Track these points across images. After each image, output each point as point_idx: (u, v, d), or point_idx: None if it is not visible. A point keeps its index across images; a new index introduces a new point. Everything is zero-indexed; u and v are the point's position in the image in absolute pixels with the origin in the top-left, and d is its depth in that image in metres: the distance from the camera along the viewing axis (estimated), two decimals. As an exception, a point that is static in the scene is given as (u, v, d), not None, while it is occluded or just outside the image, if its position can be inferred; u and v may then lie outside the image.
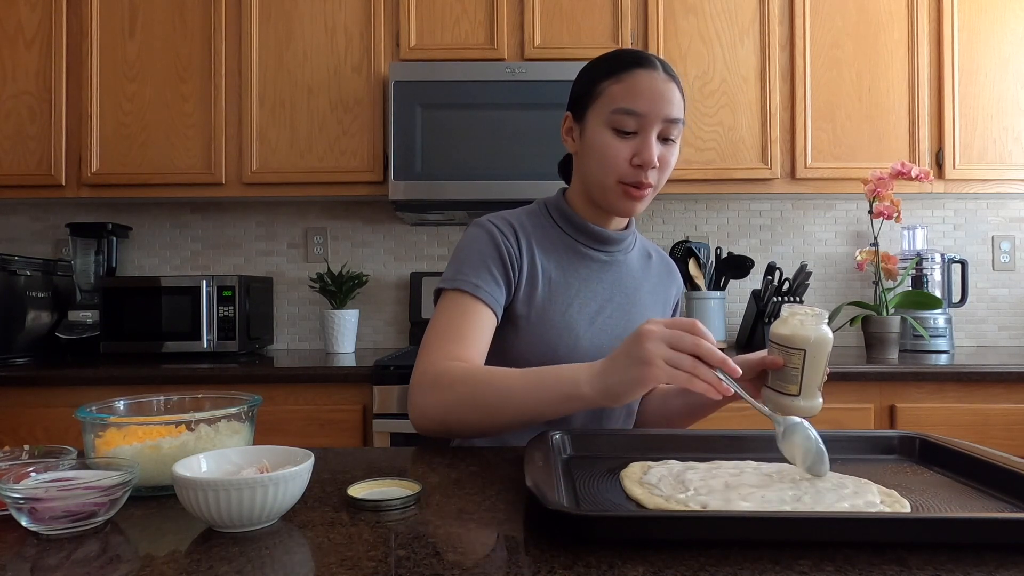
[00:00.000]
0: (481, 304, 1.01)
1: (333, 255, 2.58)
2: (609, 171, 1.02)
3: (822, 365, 0.84)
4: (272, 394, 1.92)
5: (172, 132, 2.25)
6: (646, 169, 1.01)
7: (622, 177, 1.02)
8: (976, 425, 1.89)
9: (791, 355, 0.84)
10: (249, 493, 0.59)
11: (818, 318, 0.84)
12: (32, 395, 1.92)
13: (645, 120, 1.00)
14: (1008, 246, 2.57)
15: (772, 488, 0.68)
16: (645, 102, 1.00)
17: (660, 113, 1.00)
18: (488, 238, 1.06)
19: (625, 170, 1.01)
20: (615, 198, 1.04)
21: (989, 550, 0.54)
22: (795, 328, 0.84)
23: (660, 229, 2.60)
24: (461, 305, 1.01)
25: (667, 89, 1.00)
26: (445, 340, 0.99)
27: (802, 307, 0.86)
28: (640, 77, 1.01)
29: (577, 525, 0.56)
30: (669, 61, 2.24)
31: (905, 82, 2.26)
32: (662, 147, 1.02)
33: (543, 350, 1.03)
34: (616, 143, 1.01)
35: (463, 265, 1.04)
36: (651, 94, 1.00)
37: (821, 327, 0.84)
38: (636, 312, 1.12)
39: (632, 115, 1.00)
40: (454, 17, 2.25)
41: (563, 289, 1.08)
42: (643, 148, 1.00)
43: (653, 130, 1.00)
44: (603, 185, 1.04)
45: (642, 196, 1.03)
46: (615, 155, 1.01)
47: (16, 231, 2.58)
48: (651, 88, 1.00)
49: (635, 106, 1.00)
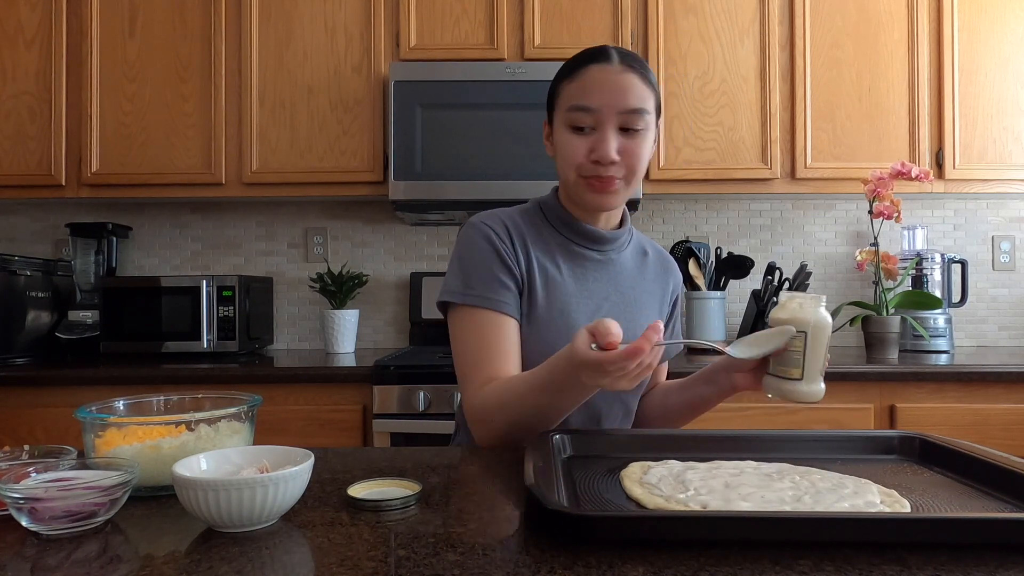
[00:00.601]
0: (500, 315, 1.02)
1: (333, 255, 2.58)
2: (570, 168, 1.04)
3: (823, 348, 0.84)
4: (272, 394, 1.92)
5: (172, 132, 2.25)
6: (604, 164, 1.01)
7: (581, 172, 1.03)
8: (976, 425, 1.89)
9: (793, 339, 0.84)
10: (249, 493, 0.59)
11: (816, 301, 0.84)
12: (32, 395, 1.92)
13: (599, 114, 1.00)
14: (1008, 246, 2.57)
15: (772, 488, 0.68)
16: (596, 96, 1.00)
17: (614, 105, 1.00)
18: (486, 243, 1.06)
19: (584, 166, 1.02)
20: (582, 193, 1.05)
21: (989, 550, 0.54)
22: (794, 311, 0.84)
23: (660, 229, 2.60)
24: (481, 323, 1.02)
25: (622, 80, 1.00)
26: (478, 368, 1.01)
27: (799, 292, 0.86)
28: (592, 72, 1.01)
29: (577, 525, 0.56)
30: (669, 61, 2.24)
31: (905, 82, 2.26)
32: (624, 139, 1.01)
33: (542, 348, 1.03)
34: (574, 140, 1.02)
35: (470, 276, 1.04)
36: (602, 87, 1.00)
37: (819, 310, 0.84)
38: (633, 309, 1.13)
39: (585, 111, 1.00)
40: (454, 17, 2.25)
41: (560, 288, 1.08)
42: (598, 143, 1.01)
43: (609, 123, 1.00)
44: (569, 182, 1.06)
45: (608, 189, 1.03)
46: (572, 152, 1.03)
47: (16, 231, 2.58)
48: (603, 81, 1.00)
49: (586, 101, 1.00)
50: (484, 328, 1.02)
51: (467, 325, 1.03)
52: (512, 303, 1.04)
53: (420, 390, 1.88)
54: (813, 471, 0.74)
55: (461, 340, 1.03)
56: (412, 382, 1.89)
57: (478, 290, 1.03)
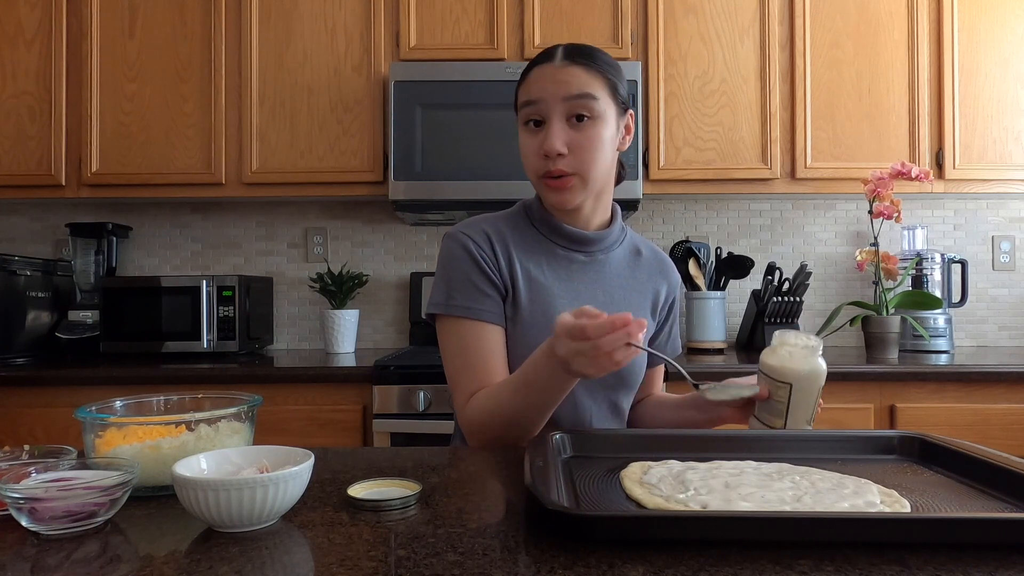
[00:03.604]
0: (482, 324, 1.04)
1: (333, 255, 2.58)
2: (529, 169, 1.06)
3: (812, 400, 0.79)
4: (272, 394, 1.92)
5: (172, 132, 2.25)
6: (551, 157, 1.01)
7: (537, 171, 1.04)
8: (976, 425, 1.89)
9: (778, 388, 0.80)
10: (249, 493, 0.59)
11: (810, 350, 0.78)
12: (32, 395, 1.92)
13: (543, 106, 1.02)
14: (1008, 246, 2.57)
15: (772, 488, 0.68)
16: (537, 90, 1.02)
17: (556, 94, 1.01)
18: (465, 254, 1.07)
19: (538, 164, 1.04)
20: (544, 193, 1.07)
21: (989, 550, 0.54)
22: (783, 360, 0.78)
23: (660, 229, 2.60)
24: (464, 333, 1.04)
25: (561, 72, 1.02)
26: (465, 377, 1.03)
27: (795, 335, 0.79)
28: (535, 71, 1.04)
29: (577, 525, 0.56)
30: (669, 61, 2.25)
31: (905, 82, 2.26)
32: (574, 131, 1.02)
33: (527, 351, 1.03)
34: (527, 139, 1.05)
35: (451, 288, 1.05)
36: (543, 80, 1.02)
37: (812, 360, 0.78)
38: (619, 310, 1.11)
39: (530, 104, 1.03)
40: (454, 17, 2.25)
41: (544, 290, 1.08)
42: (545, 137, 1.02)
43: (554, 115, 1.01)
44: (533, 184, 1.08)
45: (563, 185, 1.03)
46: (528, 151, 1.05)
47: (16, 231, 2.58)
48: (544, 76, 1.02)
49: (531, 95, 1.03)
50: (467, 338, 1.04)
51: (451, 336, 1.05)
52: (494, 310, 1.05)
53: (420, 390, 1.88)
54: (813, 471, 0.74)
55: (447, 351, 1.06)
56: (412, 382, 1.89)
57: (459, 300, 1.04)
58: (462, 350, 1.04)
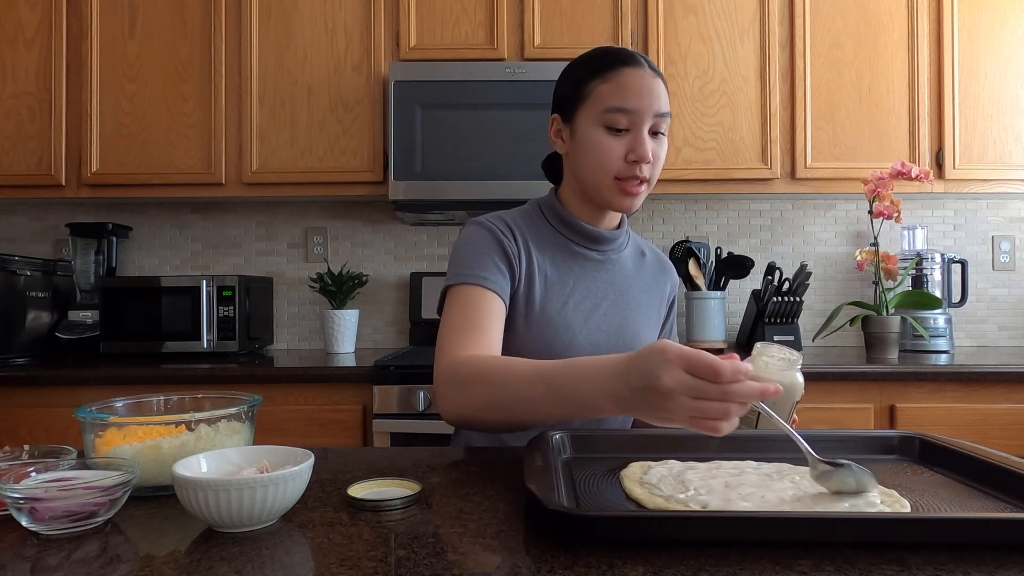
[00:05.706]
0: (489, 293, 1.03)
1: (333, 255, 2.58)
2: (605, 169, 1.04)
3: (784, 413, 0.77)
4: (272, 394, 1.92)
5: (172, 132, 2.25)
6: (641, 164, 1.03)
7: (618, 173, 1.04)
8: (976, 425, 1.89)
9: None
10: (249, 493, 0.59)
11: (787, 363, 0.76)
12: (32, 395, 1.92)
13: (637, 116, 1.02)
14: (1008, 246, 2.57)
15: (772, 488, 0.68)
16: (635, 99, 1.02)
17: (651, 109, 1.02)
18: (488, 234, 1.07)
19: (620, 167, 1.03)
20: (612, 195, 1.06)
21: (989, 550, 0.54)
22: (760, 369, 0.76)
23: (660, 229, 2.60)
24: (469, 297, 1.02)
25: (654, 85, 1.03)
26: (459, 332, 0.99)
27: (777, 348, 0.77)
28: (628, 75, 1.03)
29: (577, 525, 0.56)
30: (669, 61, 2.25)
31: (905, 82, 2.26)
32: (653, 142, 1.04)
33: (539, 347, 1.04)
34: (610, 141, 1.03)
35: (465, 262, 1.05)
36: (640, 91, 1.02)
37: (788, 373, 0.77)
38: (630, 310, 1.13)
39: (624, 112, 1.02)
40: (454, 17, 2.25)
41: (559, 287, 1.09)
42: (637, 144, 1.02)
43: (645, 126, 1.03)
44: (599, 184, 1.05)
45: (638, 192, 1.05)
46: (610, 153, 1.03)
47: (16, 231, 2.58)
48: (640, 85, 1.02)
49: (626, 104, 1.02)
50: (474, 301, 1.02)
51: (456, 300, 1.03)
52: (502, 284, 1.04)
53: (420, 390, 1.88)
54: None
55: (447, 312, 1.03)
56: (412, 382, 1.89)
57: (474, 271, 1.03)
58: (465, 310, 1.01)
